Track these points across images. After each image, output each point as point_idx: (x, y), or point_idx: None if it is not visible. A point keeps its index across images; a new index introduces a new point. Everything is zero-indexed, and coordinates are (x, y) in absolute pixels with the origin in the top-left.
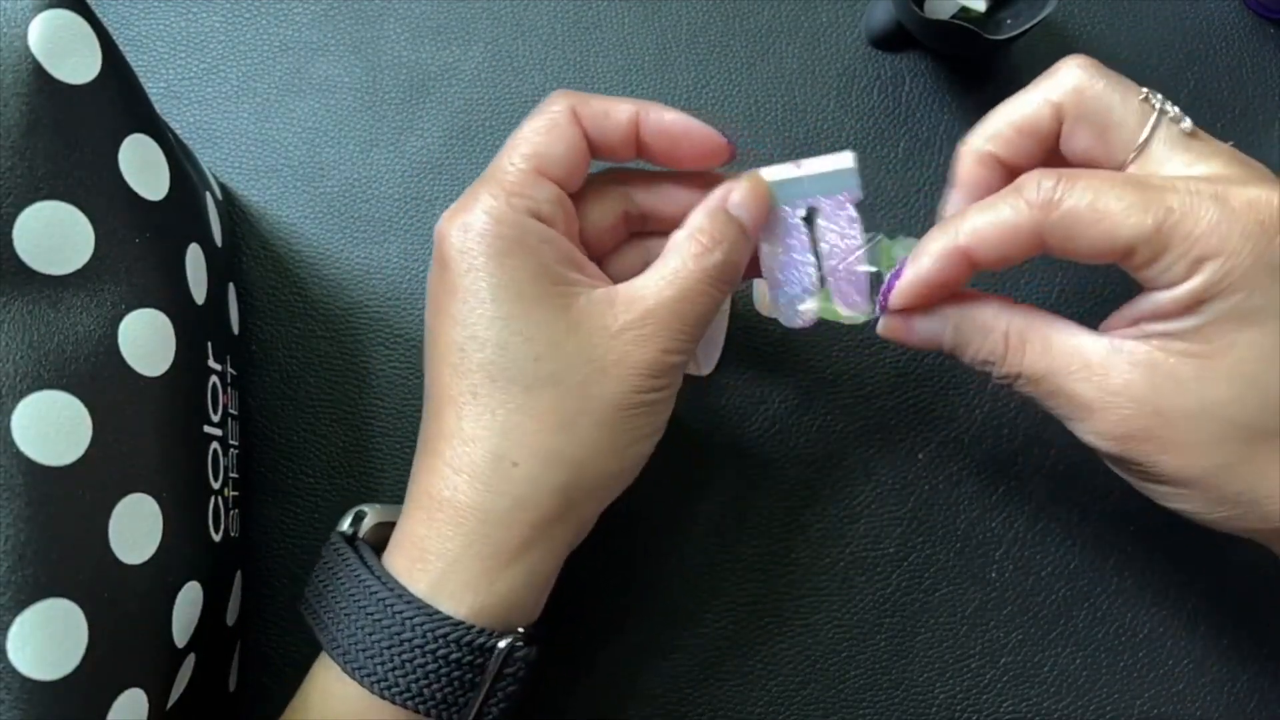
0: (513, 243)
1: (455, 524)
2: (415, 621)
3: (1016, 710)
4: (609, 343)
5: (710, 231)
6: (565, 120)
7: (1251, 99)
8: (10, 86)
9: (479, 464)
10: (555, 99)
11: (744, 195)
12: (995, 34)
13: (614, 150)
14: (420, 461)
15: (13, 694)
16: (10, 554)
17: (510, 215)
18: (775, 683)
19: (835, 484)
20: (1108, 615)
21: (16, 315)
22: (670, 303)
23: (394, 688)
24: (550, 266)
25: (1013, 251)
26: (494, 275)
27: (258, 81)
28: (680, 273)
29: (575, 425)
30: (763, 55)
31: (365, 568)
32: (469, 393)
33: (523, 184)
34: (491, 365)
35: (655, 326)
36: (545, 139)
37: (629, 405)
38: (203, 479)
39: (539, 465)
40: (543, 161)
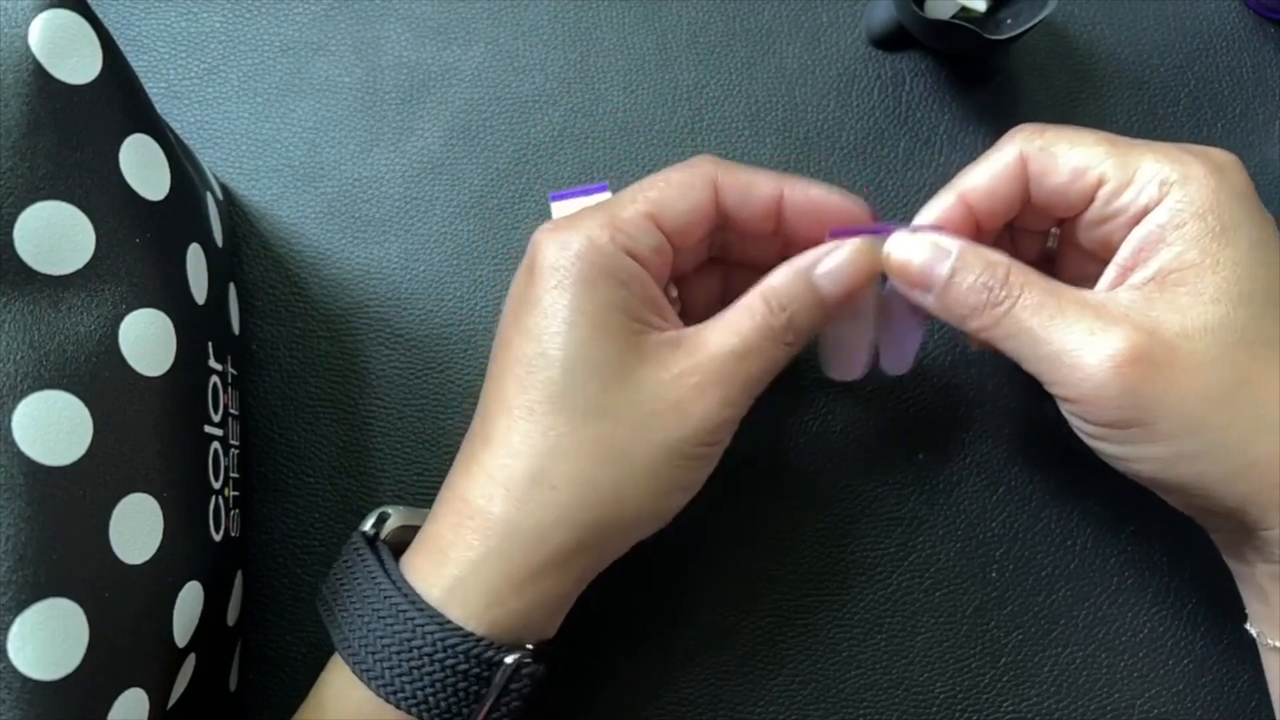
0: (603, 272)
1: (481, 533)
2: (426, 629)
3: (1016, 710)
4: (668, 386)
5: (782, 293)
6: (701, 185)
7: (1251, 99)
8: (11, 86)
9: (518, 479)
10: (702, 161)
11: (836, 266)
12: (995, 34)
13: (751, 224)
14: (461, 463)
15: (13, 694)
16: (11, 554)
17: (608, 247)
18: (775, 682)
19: (835, 484)
20: (1108, 615)
21: (17, 315)
22: (730, 357)
23: (399, 693)
24: (632, 304)
25: (1003, 185)
26: (577, 299)
27: (258, 81)
28: (743, 330)
29: (620, 462)
30: (763, 55)
31: (382, 570)
32: (526, 408)
33: (631, 224)
34: (554, 386)
35: (714, 378)
36: (673, 194)
37: (676, 454)
38: (203, 479)
39: (576, 494)
40: (660, 212)
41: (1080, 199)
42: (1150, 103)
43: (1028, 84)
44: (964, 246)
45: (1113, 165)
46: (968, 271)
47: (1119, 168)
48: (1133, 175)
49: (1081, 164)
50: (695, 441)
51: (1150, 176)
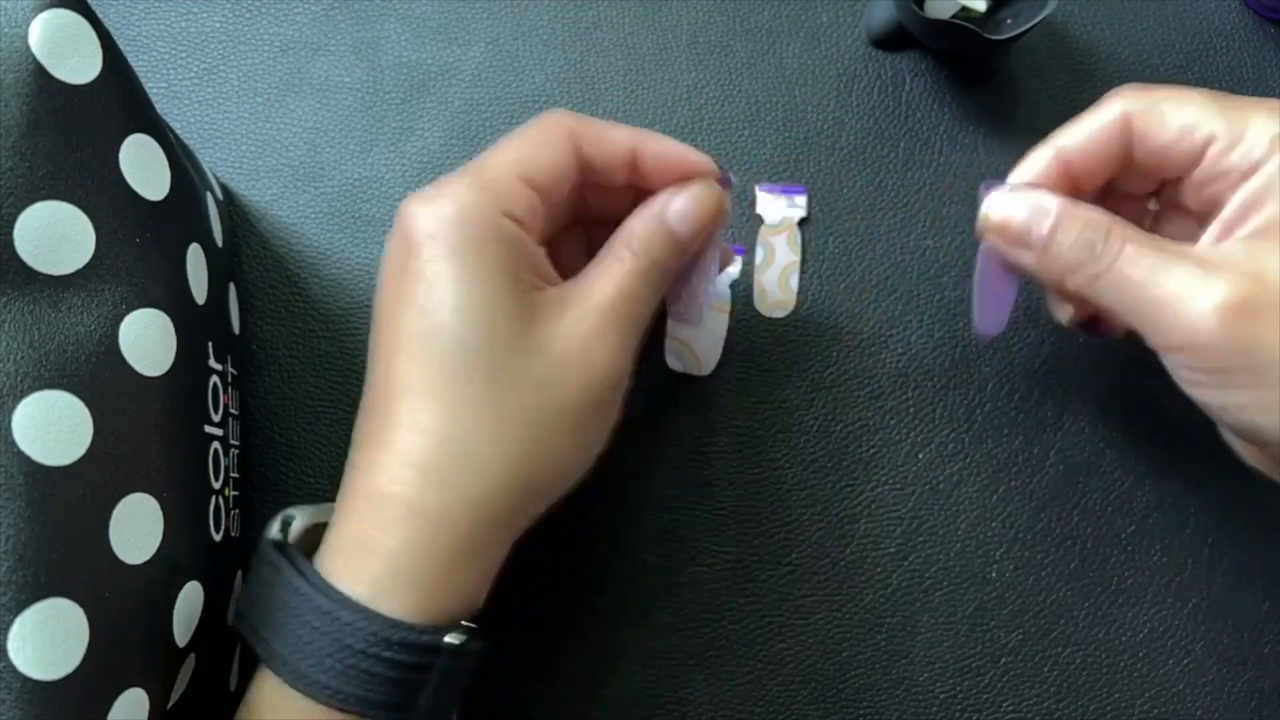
0: (484, 235)
1: (402, 521)
2: (357, 626)
3: (1016, 710)
4: (568, 338)
5: (640, 239)
6: (561, 138)
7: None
8: (11, 86)
9: (433, 459)
10: (553, 115)
11: (686, 208)
12: (995, 34)
13: (607, 174)
14: (361, 455)
15: (13, 694)
16: (11, 554)
17: (484, 209)
18: (775, 683)
19: (835, 484)
20: (1108, 615)
21: (17, 315)
22: (613, 300)
23: (339, 694)
24: (516, 265)
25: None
26: (463, 265)
27: (258, 81)
28: (616, 275)
29: (535, 423)
30: (763, 55)
31: (301, 576)
32: (429, 385)
33: (501, 184)
34: (454, 357)
35: (604, 323)
36: (534, 149)
37: (588, 403)
38: (203, 479)
39: (496, 463)
40: (526, 169)
41: (1189, 158)
42: None
43: (1028, 84)
44: (1064, 204)
45: (1222, 123)
46: (1069, 229)
47: (1229, 125)
48: (1243, 132)
49: (1190, 122)
50: (603, 386)
51: (1260, 132)
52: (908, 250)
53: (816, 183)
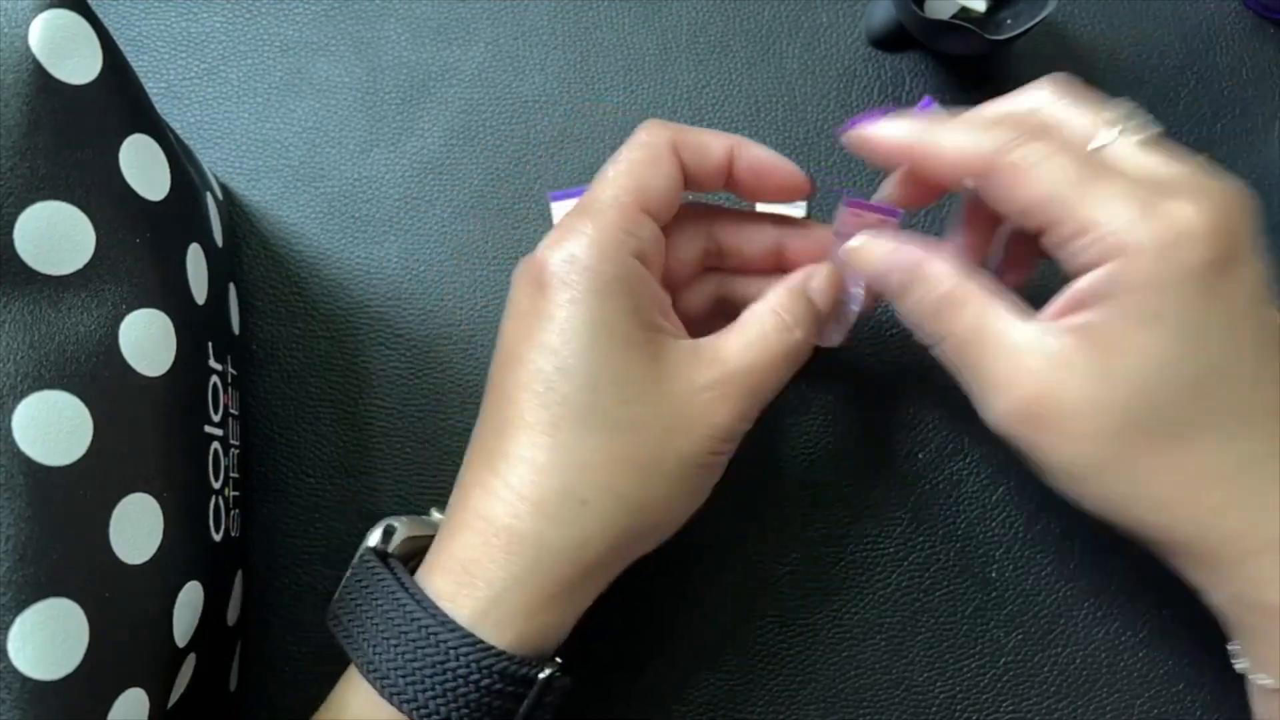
0: (615, 281)
1: (511, 551)
2: (460, 651)
3: (1016, 710)
4: (692, 398)
5: (793, 311)
6: (666, 153)
7: (1251, 99)
8: (11, 86)
9: (548, 496)
10: (653, 129)
11: (823, 284)
12: (995, 34)
13: (705, 183)
14: (475, 477)
15: (13, 694)
16: (11, 554)
17: (616, 252)
18: (775, 682)
19: (835, 484)
20: (1108, 615)
21: (17, 315)
22: (750, 370)
23: (434, 715)
24: (643, 308)
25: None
26: (594, 311)
27: (258, 81)
28: (760, 343)
29: (645, 473)
30: (763, 55)
31: (404, 590)
32: (550, 423)
33: (628, 220)
34: (578, 401)
35: (735, 390)
36: (649, 172)
37: (698, 462)
38: (203, 479)
39: (607, 506)
40: (645, 196)
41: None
42: (1150, 103)
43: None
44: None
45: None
46: (915, 290)
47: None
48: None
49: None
50: (712, 451)
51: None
52: None
53: (816, 183)
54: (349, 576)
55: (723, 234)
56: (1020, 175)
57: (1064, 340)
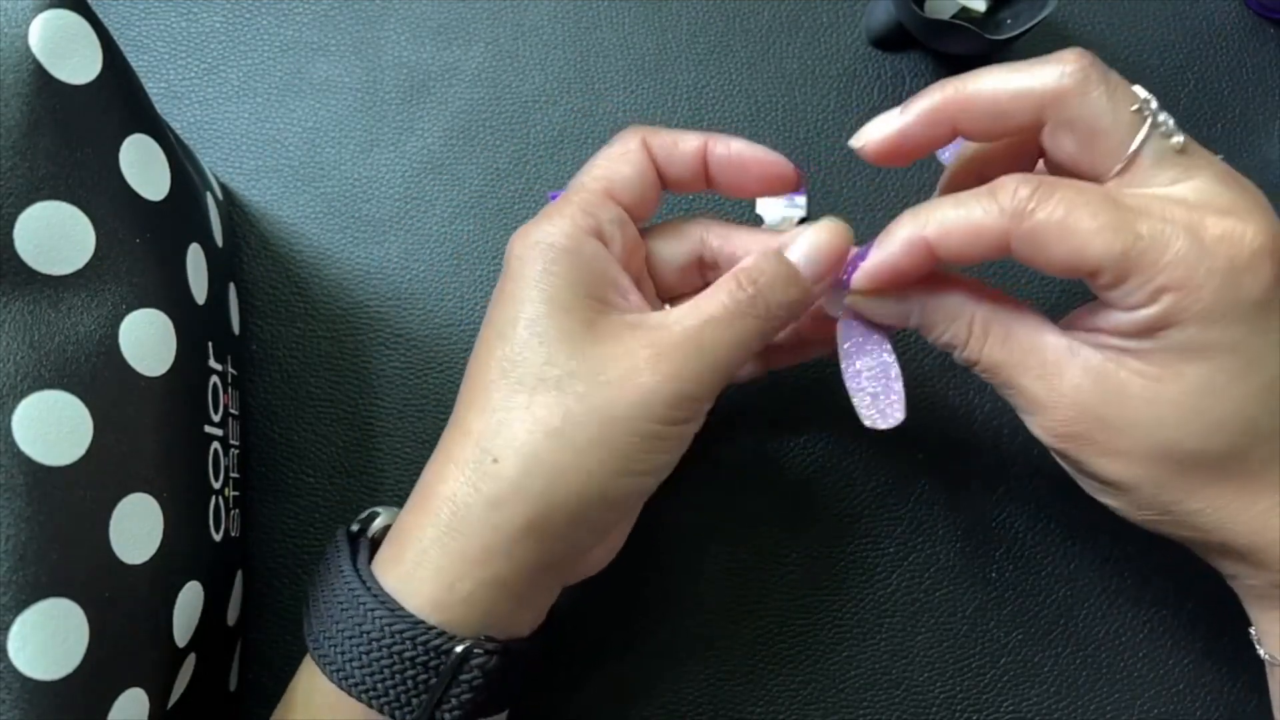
0: (564, 253)
1: (432, 513)
2: (376, 615)
3: (1016, 710)
4: (619, 359)
5: (751, 269)
6: (636, 148)
7: (1251, 99)
8: (11, 86)
9: (466, 456)
10: (628, 132)
11: (809, 244)
12: (995, 34)
13: (683, 181)
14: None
15: (13, 694)
16: (11, 554)
17: (570, 229)
18: (775, 682)
19: (835, 484)
20: (1108, 615)
21: (17, 315)
22: (694, 331)
23: (350, 679)
24: (592, 282)
25: (976, 252)
26: (537, 281)
27: (258, 81)
28: (708, 305)
29: (564, 435)
30: (763, 55)
31: (350, 563)
32: (482, 389)
33: (589, 203)
34: (506, 362)
35: (673, 351)
36: (616, 164)
37: (627, 429)
38: (203, 479)
39: (517, 466)
40: (612, 184)
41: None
42: None
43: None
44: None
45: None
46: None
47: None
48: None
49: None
50: (647, 417)
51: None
52: None
53: (816, 183)
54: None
55: (714, 241)
56: (1048, 235)
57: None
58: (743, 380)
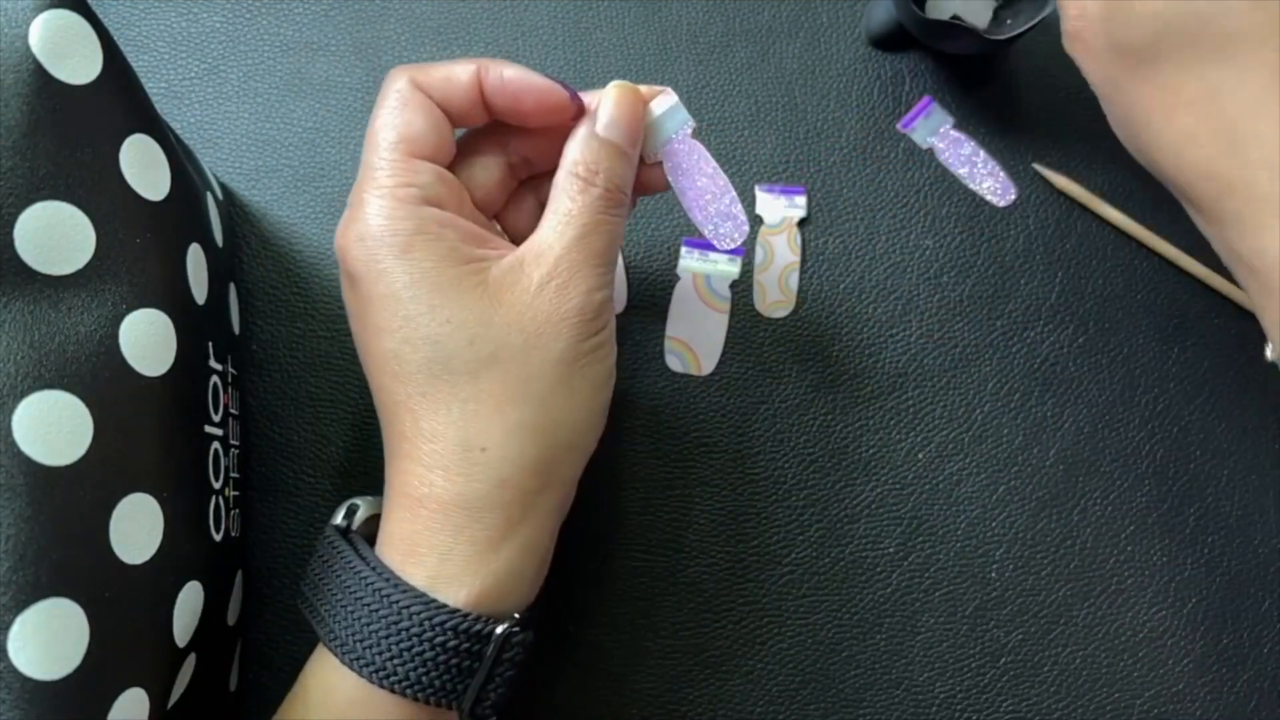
0: (412, 235)
1: (441, 517)
2: (413, 610)
3: (1016, 710)
4: (533, 303)
5: (586, 162)
6: (411, 93)
7: None
8: (11, 86)
9: (449, 458)
10: (393, 76)
11: (611, 114)
12: (995, 34)
13: (464, 115)
14: (391, 465)
15: (13, 694)
16: (11, 554)
17: (401, 209)
18: (775, 682)
19: (835, 484)
20: (1108, 615)
21: (17, 315)
22: (574, 244)
23: (392, 676)
24: (456, 248)
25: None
26: (405, 274)
27: (258, 81)
28: (572, 212)
29: (530, 394)
30: (763, 55)
31: (361, 560)
32: (417, 394)
33: (400, 173)
34: (431, 362)
35: (570, 271)
36: (401, 118)
37: (574, 356)
38: (203, 479)
39: (507, 443)
40: (410, 144)
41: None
42: None
43: (1028, 84)
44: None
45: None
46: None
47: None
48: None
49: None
50: (583, 336)
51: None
52: (907, 250)
53: (816, 183)
54: (314, 555)
55: (516, 143)
56: None
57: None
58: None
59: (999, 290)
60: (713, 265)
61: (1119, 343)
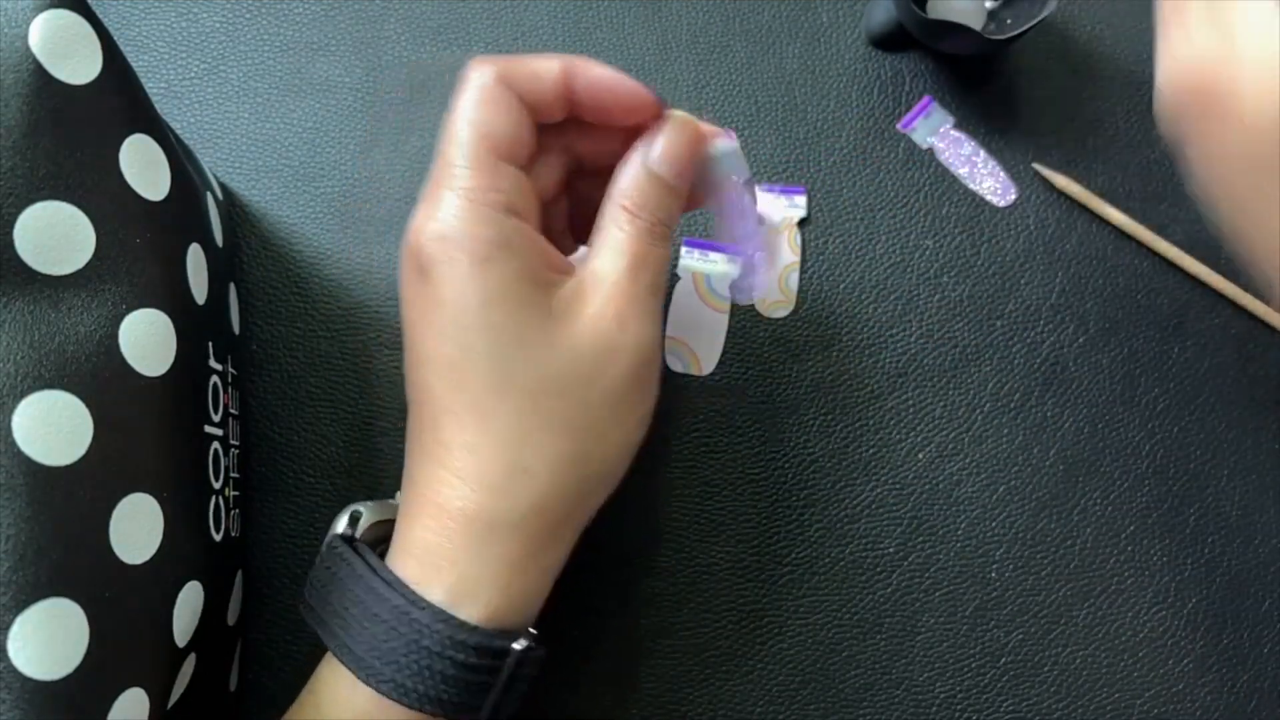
0: (495, 247)
1: (470, 533)
2: (433, 628)
3: (1016, 710)
4: (594, 332)
5: (633, 196)
6: (501, 91)
7: None
8: (11, 86)
9: (493, 474)
10: (479, 67)
11: (663, 149)
12: (995, 34)
13: (548, 111)
14: (419, 469)
15: (13, 694)
16: (11, 554)
17: (483, 214)
18: (775, 683)
19: (835, 484)
20: (1108, 615)
21: (17, 315)
22: (627, 274)
23: (412, 693)
24: (532, 266)
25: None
26: (483, 285)
27: (258, 81)
28: (622, 241)
29: (583, 424)
30: (763, 55)
31: (374, 574)
32: (470, 405)
33: (487, 177)
34: (492, 376)
35: (626, 303)
36: (488, 115)
37: (626, 390)
38: (203, 479)
39: (554, 469)
40: (495, 143)
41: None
42: (1150, 103)
43: (1028, 84)
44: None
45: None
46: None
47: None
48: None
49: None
50: (639, 365)
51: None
52: (907, 250)
53: (816, 183)
54: (318, 563)
55: (579, 145)
56: None
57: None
58: None
59: (999, 290)
60: (713, 265)
61: (1119, 343)
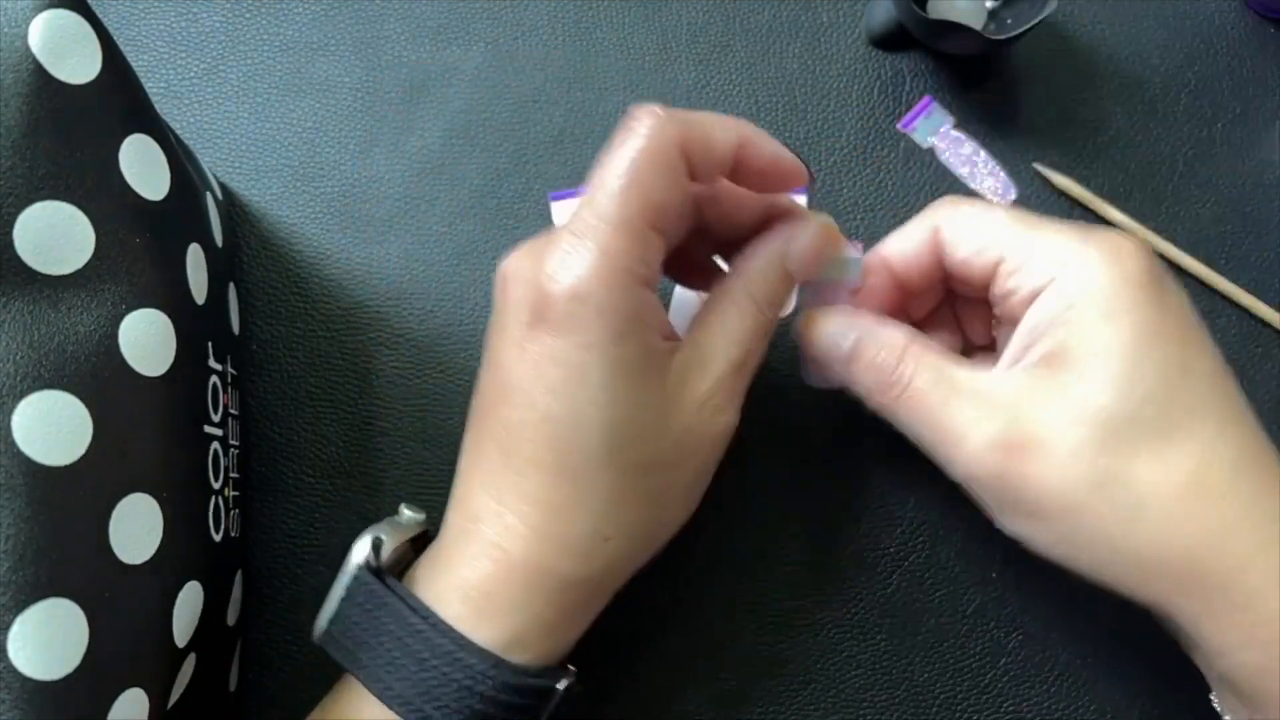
0: (630, 322)
1: (533, 585)
2: (487, 674)
3: (1016, 710)
4: (695, 416)
5: (765, 290)
6: (676, 159)
7: (1251, 99)
8: (10, 86)
9: (571, 535)
10: (659, 124)
11: (804, 255)
12: (995, 34)
13: (706, 179)
14: (485, 509)
15: (13, 694)
16: (10, 554)
17: (627, 286)
18: (775, 682)
19: (835, 484)
20: (1107, 615)
21: (17, 315)
22: (736, 367)
23: None
24: (653, 341)
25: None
26: (610, 360)
27: (258, 81)
28: (739, 332)
29: (668, 500)
30: (763, 55)
31: (417, 615)
32: (566, 469)
33: (637, 246)
34: (599, 449)
35: (727, 396)
36: (657, 182)
37: (706, 472)
38: (203, 479)
39: (632, 540)
40: (656, 214)
41: (982, 275)
42: (1150, 103)
43: (1028, 84)
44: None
45: (1011, 245)
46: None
47: (1017, 248)
48: (1029, 256)
49: (982, 242)
50: (722, 448)
51: (1045, 259)
52: None
53: (816, 183)
54: (344, 597)
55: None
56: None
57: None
58: None
59: None
60: None
61: None
